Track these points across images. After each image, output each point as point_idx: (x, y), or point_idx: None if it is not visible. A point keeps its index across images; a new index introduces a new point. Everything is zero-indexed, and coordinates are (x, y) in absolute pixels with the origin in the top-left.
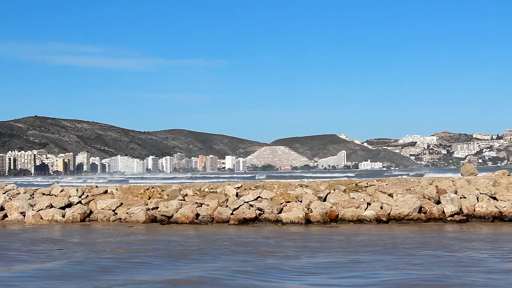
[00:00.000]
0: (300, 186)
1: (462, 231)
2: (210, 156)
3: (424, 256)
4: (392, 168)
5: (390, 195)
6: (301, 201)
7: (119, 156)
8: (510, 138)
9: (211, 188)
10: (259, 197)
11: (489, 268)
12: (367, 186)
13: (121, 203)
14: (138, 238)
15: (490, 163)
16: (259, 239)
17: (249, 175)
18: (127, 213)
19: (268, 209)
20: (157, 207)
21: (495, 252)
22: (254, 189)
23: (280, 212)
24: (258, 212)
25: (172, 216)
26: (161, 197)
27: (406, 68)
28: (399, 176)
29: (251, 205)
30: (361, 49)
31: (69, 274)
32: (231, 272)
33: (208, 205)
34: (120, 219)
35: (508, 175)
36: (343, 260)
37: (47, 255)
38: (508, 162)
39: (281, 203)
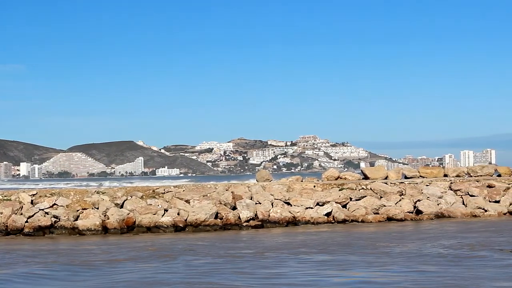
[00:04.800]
0: (97, 193)
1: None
2: (4, 163)
3: None
4: (189, 175)
5: (188, 201)
6: (98, 208)
7: None
8: (304, 144)
9: (5, 196)
10: (54, 204)
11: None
12: (164, 193)
13: None
14: None
15: (284, 169)
16: None
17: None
18: None
19: (64, 217)
20: None
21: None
22: (50, 196)
23: (76, 219)
24: (53, 219)
25: None
26: None
27: (201, 73)
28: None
29: (46, 213)
30: (150, 54)
31: None
32: None
33: (1, 213)
34: None
35: (301, 181)
36: None
37: None
38: (302, 168)
39: (78, 210)
